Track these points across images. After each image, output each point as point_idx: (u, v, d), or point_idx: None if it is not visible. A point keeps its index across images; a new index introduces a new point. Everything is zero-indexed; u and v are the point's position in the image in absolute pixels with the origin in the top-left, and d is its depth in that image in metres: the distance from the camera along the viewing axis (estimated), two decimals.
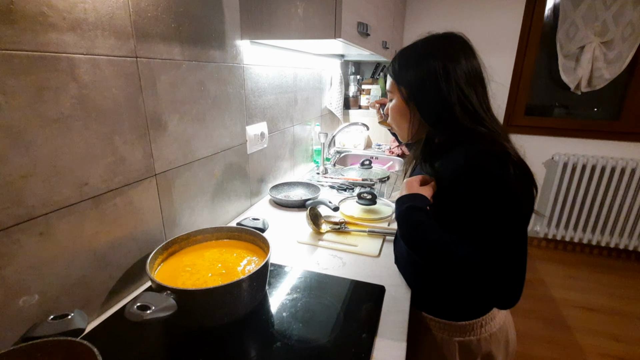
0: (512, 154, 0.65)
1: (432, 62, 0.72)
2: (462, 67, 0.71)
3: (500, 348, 0.83)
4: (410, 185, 0.74)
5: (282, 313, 0.75)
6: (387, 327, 0.73)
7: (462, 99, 0.70)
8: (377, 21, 1.55)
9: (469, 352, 0.81)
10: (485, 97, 0.74)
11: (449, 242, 0.65)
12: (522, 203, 0.64)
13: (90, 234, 0.70)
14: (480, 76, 0.74)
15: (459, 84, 0.70)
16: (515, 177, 0.63)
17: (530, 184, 0.66)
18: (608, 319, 2.08)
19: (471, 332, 0.80)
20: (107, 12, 0.67)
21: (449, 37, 0.75)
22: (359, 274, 0.91)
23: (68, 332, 0.59)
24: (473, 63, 0.72)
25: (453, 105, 0.70)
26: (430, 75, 0.72)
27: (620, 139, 2.52)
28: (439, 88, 0.71)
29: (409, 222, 0.70)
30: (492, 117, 0.74)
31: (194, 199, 1.00)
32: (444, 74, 0.70)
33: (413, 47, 0.77)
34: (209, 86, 1.00)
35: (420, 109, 0.76)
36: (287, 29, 1.07)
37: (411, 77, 0.75)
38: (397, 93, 0.80)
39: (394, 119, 0.84)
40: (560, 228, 2.74)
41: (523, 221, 0.65)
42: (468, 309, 0.80)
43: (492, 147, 0.66)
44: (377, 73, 2.72)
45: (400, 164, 2.07)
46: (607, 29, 2.33)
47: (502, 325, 0.83)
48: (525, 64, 2.56)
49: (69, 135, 0.63)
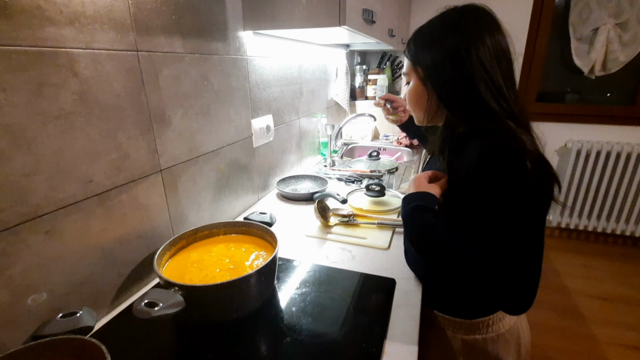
0: (530, 150, 0.59)
1: (451, 39, 0.66)
2: (485, 42, 0.64)
3: (510, 351, 0.79)
4: (419, 183, 0.71)
5: (292, 308, 0.75)
6: (398, 321, 0.71)
7: (485, 76, 0.64)
8: (383, 8, 1.51)
9: (473, 351, 0.78)
10: (511, 73, 0.68)
11: (456, 244, 0.62)
12: (537, 203, 0.59)
13: (97, 231, 0.69)
14: (506, 50, 0.67)
15: (481, 61, 0.64)
16: (532, 174, 0.57)
17: (548, 182, 0.60)
18: (624, 308, 2.04)
19: (476, 331, 0.77)
20: (105, 4, 0.66)
21: (468, 9, 0.69)
22: (368, 267, 0.89)
23: (77, 329, 0.58)
24: (497, 37, 0.66)
25: (476, 83, 0.64)
26: (448, 53, 0.66)
27: (636, 124, 2.44)
28: (458, 66, 0.65)
29: (414, 222, 0.66)
30: (517, 96, 0.68)
31: (201, 194, 0.99)
32: (464, 51, 0.64)
33: (430, 24, 0.72)
34: (213, 79, 0.98)
35: (438, 89, 0.70)
36: (291, 18, 1.04)
37: (428, 56, 0.70)
38: (414, 74, 0.75)
39: (411, 102, 0.79)
40: (574, 217, 2.69)
41: (538, 222, 0.59)
42: (475, 307, 0.77)
43: (508, 143, 0.60)
44: (384, 62, 2.68)
45: (409, 155, 2.04)
46: (622, 10, 2.25)
47: (512, 327, 0.79)
48: (537, 49, 2.48)
49: (72, 132, 0.62)
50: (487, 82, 0.64)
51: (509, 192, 0.58)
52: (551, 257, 2.57)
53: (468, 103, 0.66)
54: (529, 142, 0.61)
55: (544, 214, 0.60)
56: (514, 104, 0.66)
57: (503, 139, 0.61)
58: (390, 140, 2.26)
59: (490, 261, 0.58)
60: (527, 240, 0.58)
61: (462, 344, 0.79)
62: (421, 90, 0.74)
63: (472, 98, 0.65)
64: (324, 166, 1.77)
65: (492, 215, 0.60)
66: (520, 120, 0.65)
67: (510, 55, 0.67)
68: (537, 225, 0.59)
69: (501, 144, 0.60)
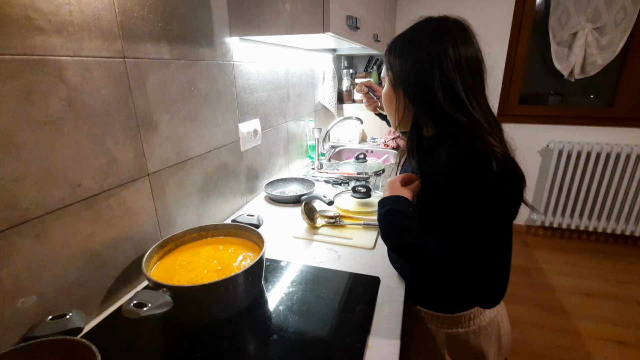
0: (496, 151, 0.62)
1: (416, 51, 0.71)
2: (448, 55, 0.68)
3: (492, 342, 0.82)
4: (393, 186, 0.74)
5: (279, 307, 0.77)
6: (382, 317, 0.74)
7: (446, 86, 0.68)
8: (368, 14, 1.54)
9: (457, 344, 0.81)
10: (477, 83, 0.71)
11: (429, 244, 0.65)
12: (504, 202, 0.62)
13: (86, 235, 0.71)
14: (472, 61, 0.70)
15: (443, 72, 0.68)
16: (499, 175, 0.60)
17: (515, 182, 0.64)
18: (605, 303, 2.10)
19: (459, 325, 0.80)
20: (92, 13, 0.68)
21: (438, 22, 0.73)
22: (354, 266, 0.92)
23: (67, 331, 0.60)
24: (462, 49, 0.69)
25: (436, 93, 0.68)
26: (413, 64, 0.71)
27: (614, 124, 2.53)
28: (422, 76, 0.70)
29: (387, 225, 0.70)
30: (483, 107, 0.71)
31: (189, 198, 1.01)
32: (427, 64, 0.69)
33: (403, 35, 0.76)
34: (199, 84, 1.00)
35: (405, 95, 0.75)
36: (276, 25, 1.07)
37: (397, 64, 0.74)
38: (387, 78, 0.80)
39: (384, 103, 0.85)
40: (557, 215, 2.76)
41: (506, 221, 0.63)
42: (456, 302, 0.80)
43: (476, 144, 0.63)
44: (370, 66, 2.72)
45: (395, 157, 2.07)
46: (599, 15, 2.33)
47: (492, 319, 0.82)
48: (518, 52, 2.55)
49: (60, 137, 0.64)
50: (447, 92, 0.68)
51: (475, 193, 0.61)
52: (535, 254, 2.63)
53: (431, 110, 0.71)
54: (495, 143, 0.64)
55: (511, 213, 0.64)
56: (478, 112, 0.69)
57: (469, 141, 0.64)
58: (377, 142, 2.30)
59: (461, 260, 0.62)
60: (496, 239, 0.62)
61: (446, 337, 0.82)
62: (392, 93, 0.79)
63: (434, 106, 0.69)
64: (312, 169, 1.80)
65: (461, 216, 0.63)
66: (483, 123, 0.68)
67: (478, 65, 0.71)
68: (505, 223, 0.63)
69: (467, 146, 0.64)
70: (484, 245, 0.61)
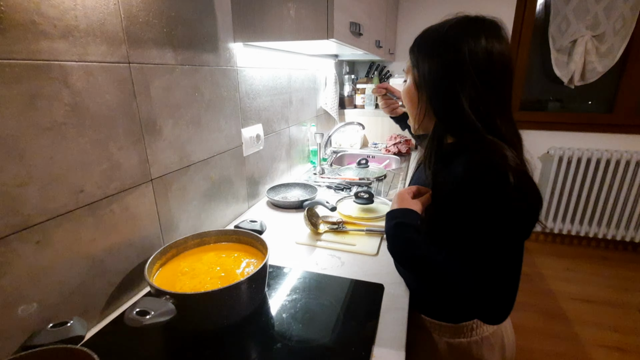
0: (515, 168, 0.58)
1: (450, 54, 0.65)
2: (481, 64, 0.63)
3: (494, 353, 0.81)
4: (402, 198, 0.72)
5: (282, 314, 0.76)
6: (386, 325, 0.73)
7: (475, 99, 0.64)
8: (370, 20, 1.55)
9: (458, 353, 0.80)
10: (507, 97, 0.67)
11: (437, 259, 0.64)
12: (518, 221, 0.59)
13: (88, 241, 0.70)
14: (505, 72, 0.65)
15: (473, 82, 0.63)
16: (515, 193, 0.57)
17: (531, 201, 0.60)
18: (606, 310, 2.10)
19: (461, 334, 0.79)
20: (98, 18, 0.67)
21: (476, 23, 0.67)
22: (357, 273, 0.91)
23: (67, 339, 0.59)
24: (498, 57, 0.64)
25: (462, 102, 0.64)
26: (444, 67, 0.66)
27: (614, 131, 2.54)
28: (450, 82, 0.65)
29: (396, 238, 0.68)
30: (508, 120, 0.67)
31: (191, 203, 1.00)
32: (458, 70, 0.64)
33: (436, 31, 0.70)
34: (203, 90, 1.00)
35: (428, 97, 0.71)
36: (280, 31, 1.07)
37: (425, 64, 0.69)
38: (411, 75, 0.75)
39: (404, 100, 0.79)
40: (558, 221, 2.76)
41: (518, 240, 0.60)
42: (459, 311, 0.79)
43: (495, 159, 0.60)
44: (372, 72, 2.73)
45: (397, 162, 2.07)
46: (598, 23, 2.35)
47: (495, 330, 0.81)
48: (519, 59, 2.57)
49: (64, 142, 0.63)
50: (475, 105, 0.64)
51: (489, 208, 0.59)
52: (536, 261, 2.62)
53: (455, 116, 0.67)
54: (512, 158, 0.60)
55: (524, 233, 0.61)
56: (501, 124, 0.66)
57: (488, 154, 0.61)
58: (379, 147, 2.30)
59: (469, 276, 0.60)
60: (506, 257, 0.59)
61: (448, 346, 0.81)
62: (413, 92, 0.75)
63: (458, 113, 0.66)
64: (314, 174, 1.79)
65: (473, 230, 0.61)
66: (506, 138, 0.65)
67: (507, 76, 0.66)
68: (516, 242, 0.60)
69: (485, 159, 0.61)
70: (492, 264, 0.59)
